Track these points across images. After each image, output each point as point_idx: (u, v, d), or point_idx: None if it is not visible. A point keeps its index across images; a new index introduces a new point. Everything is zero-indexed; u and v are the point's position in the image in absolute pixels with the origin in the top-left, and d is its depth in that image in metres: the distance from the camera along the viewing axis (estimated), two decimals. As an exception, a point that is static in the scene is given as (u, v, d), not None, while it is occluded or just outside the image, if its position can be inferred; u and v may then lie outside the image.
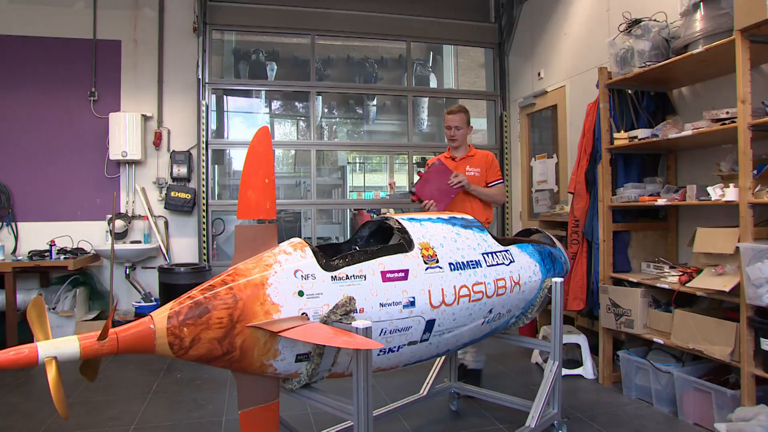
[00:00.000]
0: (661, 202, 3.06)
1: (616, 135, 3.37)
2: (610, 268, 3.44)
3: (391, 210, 7.63)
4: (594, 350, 3.67)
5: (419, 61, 7.14)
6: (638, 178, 3.49)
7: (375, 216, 7.33)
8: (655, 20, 3.24)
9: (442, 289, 2.01)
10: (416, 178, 3.14)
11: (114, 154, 4.96)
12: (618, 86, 3.45)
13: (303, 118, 6.98)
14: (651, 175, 3.50)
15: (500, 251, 2.35)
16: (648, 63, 3.11)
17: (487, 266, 2.23)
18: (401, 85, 6.62)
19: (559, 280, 2.51)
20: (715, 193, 2.71)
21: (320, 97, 5.92)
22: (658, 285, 3.01)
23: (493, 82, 6.00)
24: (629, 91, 3.52)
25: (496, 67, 5.97)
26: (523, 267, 2.42)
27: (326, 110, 7.28)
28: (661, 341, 2.97)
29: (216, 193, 5.52)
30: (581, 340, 3.71)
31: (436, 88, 7.46)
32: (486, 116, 6.39)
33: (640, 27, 3.23)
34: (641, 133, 3.21)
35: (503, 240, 2.49)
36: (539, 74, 5.16)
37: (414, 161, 6.26)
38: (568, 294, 3.67)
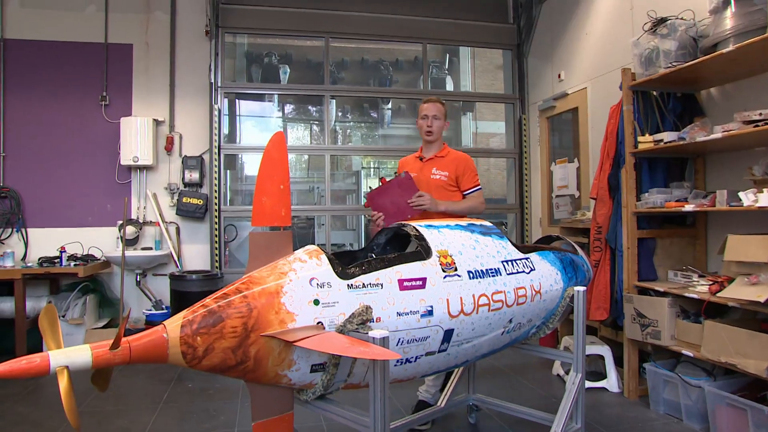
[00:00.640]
0: (688, 208, 3.02)
1: (640, 138, 3.34)
2: (635, 276, 3.40)
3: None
4: (618, 362, 3.62)
5: (435, 63, 7.15)
6: (664, 183, 3.44)
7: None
8: (682, 18, 3.21)
9: (461, 298, 2.00)
10: (377, 184, 2.90)
11: (125, 159, 5.03)
12: (642, 88, 3.42)
13: (317, 122, 7.03)
14: (678, 180, 3.45)
15: (520, 259, 2.34)
16: (674, 63, 3.08)
17: (507, 274, 2.22)
18: (417, 88, 6.63)
19: (581, 288, 2.48)
20: (747, 198, 2.67)
21: (334, 100, 5.95)
22: (687, 294, 2.97)
23: (512, 85, 5.98)
24: (654, 93, 3.49)
25: (514, 68, 5.96)
26: (544, 275, 2.40)
27: (340, 114, 7.32)
28: (690, 354, 2.92)
29: (228, 199, 5.57)
30: (605, 351, 3.66)
31: (453, 91, 7.45)
32: (504, 119, 6.37)
33: (666, 26, 3.20)
34: (667, 136, 3.17)
35: (523, 247, 2.47)
36: (559, 76, 5.13)
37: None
38: (591, 303, 3.63)
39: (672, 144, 3.12)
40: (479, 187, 3.00)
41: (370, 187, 2.71)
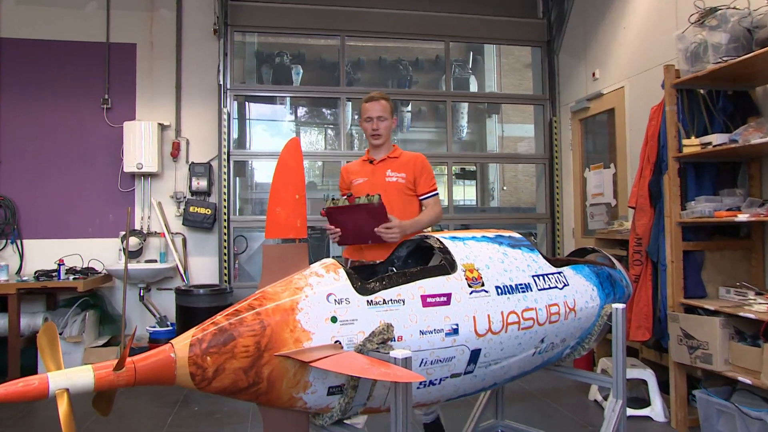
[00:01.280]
0: (742, 217, 2.97)
1: (685, 141, 3.30)
2: (681, 293, 3.35)
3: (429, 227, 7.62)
4: (664, 388, 3.56)
5: (458, 62, 7.18)
6: (713, 190, 3.40)
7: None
8: (734, 8, 3.16)
9: (489, 316, 1.99)
10: (342, 199, 2.57)
11: (128, 166, 5.11)
12: (688, 86, 3.39)
13: (331, 126, 7.09)
14: (728, 187, 3.40)
15: (553, 273, 2.32)
16: (725, 58, 3.02)
17: (538, 290, 2.21)
18: (438, 89, 6.65)
19: (620, 306, 2.45)
20: (808, 207, 2.62)
21: (350, 103, 6.00)
22: (742, 314, 2.90)
23: (542, 85, 5.97)
24: (701, 91, 3.46)
25: (544, 67, 5.95)
26: (579, 291, 2.38)
27: (356, 117, 7.38)
28: (747, 381, 2.85)
29: (238, 209, 5.63)
30: (648, 375, 3.60)
31: (477, 92, 7.46)
32: (533, 122, 6.36)
33: (716, 17, 3.14)
34: (716, 138, 3.13)
35: (556, 261, 2.46)
36: (594, 74, 5.11)
37: (453, 172, 6.26)
38: (631, 322, 3.58)
39: (722, 147, 3.07)
40: (437, 191, 2.91)
41: (333, 198, 2.56)
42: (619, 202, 4.76)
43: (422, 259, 2.44)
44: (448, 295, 1.93)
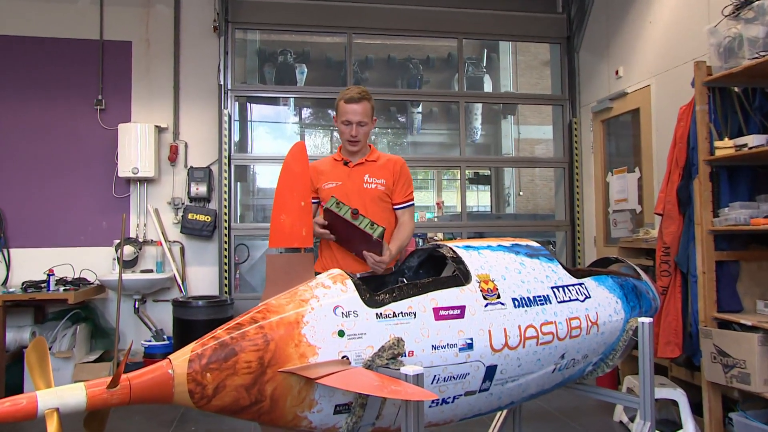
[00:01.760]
0: (780, 225, 2.95)
1: (717, 143, 3.28)
2: (714, 306, 3.32)
3: (440, 235, 7.62)
4: (697, 410, 3.52)
5: (471, 60, 7.20)
6: (748, 196, 3.37)
7: (422, 242, 7.34)
8: (773, -1, 3.14)
9: (505, 330, 1.99)
10: (346, 209, 2.49)
11: (123, 170, 5.15)
12: (721, 83, 3.37)
13: (337, 128, 7.12)
14: (766, 192, 3.37)
15: (573, 285, 2.32)
16: (762, 53, 2.99)
17: (558, 302, 2.20)
18: (451, 89, 6.68)
19: (647, 320, 2.44)
20: None
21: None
22: (782, 330, 2.88)
23: (561, 84, 5.97)
24: (736, 90, 3.44)
25: (563, 65, 5.96)
26: (602, 304, 2.37)
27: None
28: (790, 403, 2.82)
29: (239, 216, 5.66)
30: (679, 395, 3.57)
31: (492, 92, 7.47)
32: (552, 124, 6.36)
33: (753, 8, 3.11)
34: (752, 140, 3.10)
35: (576, 271, 2.45)
36: (617, 72, 5.11)
37: (466, 177, 6.27)
38: (660, 337, 3.56)
39: (759, 149, 3.05)
40: (413, 202, 2.83)
41: (338, 202, 2.50)
42: (644, 209, 4.74)
43: (434, 269, 2.44)
44: (462, 308, 1.93)
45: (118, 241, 5.11)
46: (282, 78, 6.21)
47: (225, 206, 5.21)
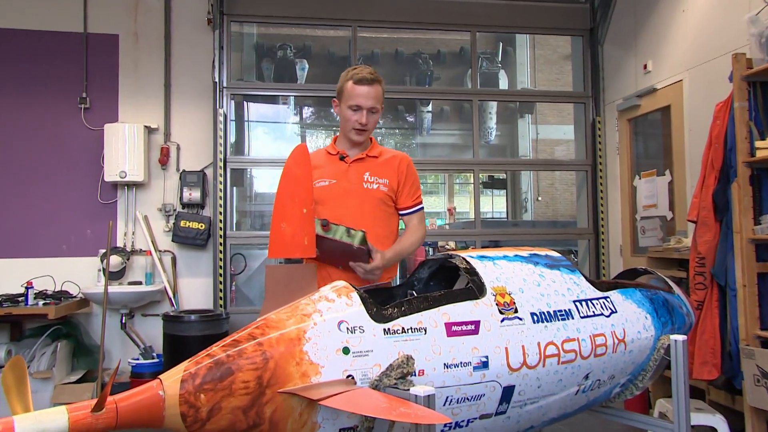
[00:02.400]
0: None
1: (758, 144, 3.27)
2: (757, 323, 3.30)
3: (452, 243, 7.62)
4: (739, 438, 3.50)
5: (486, 55, 7.22)
6: (793, 201, 3.36)
7: (432, 251, 7.34)
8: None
9: (523, 347, 1.99)
10: (345, 232, 2.33)
11: (110, 174, 5.16)
12: (762, 78, 3.37)
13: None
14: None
15: (598, 298, 2.32)
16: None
17: (581, 318, 2.20)
18: (463, 86, 6.69)
19: (680, 337, 2.43)
20: None
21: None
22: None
23: (583, 79, 5.98)
24: (779, 84, 3.42)
25: (586, 59, 5.96)
26: (629, 319, 2.36)
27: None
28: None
29: (235, 223, 5.67)
30: (718, 422, 3.53)
31: (508, 89, 7.48)
32: (573, 123, 6.36)
33: (799, -6, 3.12)
34: (796, 140, 3.11)
35: (601, 284, 2.45)
36: (645, 66, 5.10)
37: (480, 181, 6.27)
38: (695, 357, 3.53)
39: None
40: (422, 205, 2.70)
41: (326, 222, 2.33)
42: (676, 215, 4.73)
43: (446, 281, 2.44)
44: (477, 323, 1.93)
45: (103, 250, 5.11)
46: (281, 75, 6.24)
47: (220, 213, 5.22)
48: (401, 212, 2.67)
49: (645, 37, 5.16)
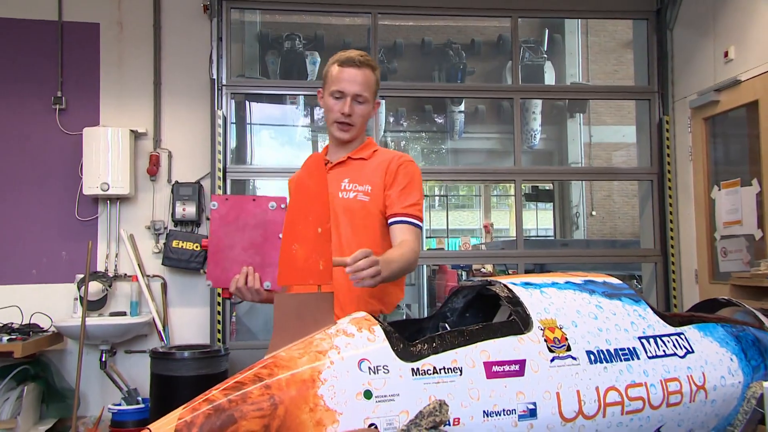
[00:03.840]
0: None
1: None
2: None
3: (489, 267, 7.59)
4: None
5: (529, 44, 7.23)
6: None
7: (465, 275, 7.31)
8: None
9: (578, 392, 1.98)
10: None
11: (89, 186, 5.18)
12: None
13: (357, 132, 7.19)
14: None
15: (669, 335, 2.30)
16: None
17: (649, 358, 2.19)
18: (502, 82, 6.70)
19: (774, 384, 2.40)
20: None
21: (383, 101, 6.08)
22: None
23: (647, 71, 5.95)
24: None
25: (651, 46, 5.93)
26: (710, 361, 2.34)
27: (392, 120, 7.46)
28: None
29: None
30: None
31: (555, 84, 7.47)
32: (635, 123, 6.34)
33: None
34: None
35: (673, 317, 2.43)
36: (726, 54, 5.06)
37: (523, 193, 6.26)
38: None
39: None
40: (418, 220, 2.47)
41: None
42: (766, 234, 4.69)
43: (484, 312, 2.44)
44: (522, 363, 1.93)
45: (81, 276, 5.11)
46: (289, 70, 6.29)
47: (218, 231, 5.23)
48: (391, 219, 2.44)
49: (726, 18, 5.12)
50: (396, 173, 2.47)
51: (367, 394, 1.70)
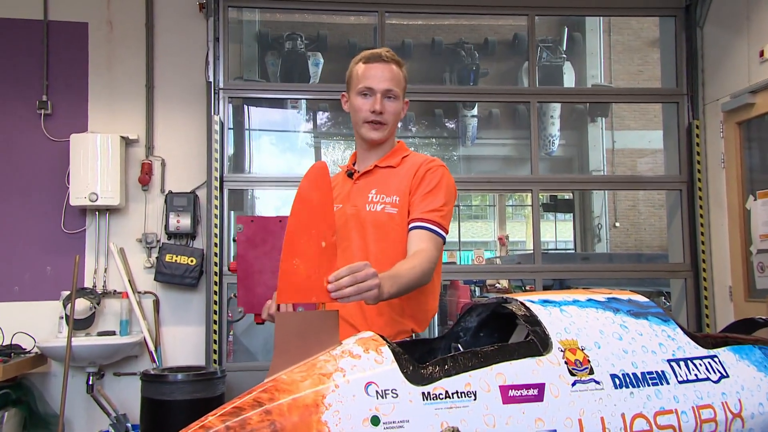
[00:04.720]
0: None
1: None
2: None
3: (504, 282, 7.57)
4: None
5: (547, 43, 7.24)
6: None
7: (479, 291, 7.30)
8: None
9: (602, 419, 1.97)
10: None
11: (77, 197, 5.20)
12: None
13: (363, 138, 7.21)
14: None
15: (702, 357, 2.29)
16: None
17: (679, 383, 2.18)
18: (518, 84, 6.71)
19: (815, 411, 2.39)
20: None
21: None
22: None
23: (675, 72, 5.95)
24: None
25: (680, 45, 5.92)
26: (747, 386, 2.33)
27: (400, 125, 7.48)
28: None
29: (233, 257, 5.70)
30: None
31: (575, 87, 7.47)
32: (662, 128, 6.34)
33: None
34: None
35: (705, 338, 2.42)
36: (762, 53, 5.05)
37: (540, 203, 6.26)
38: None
39: None
40: (440, 225, 2.40)
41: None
42: (805, 248, 4.67)
43: (499, 332, 2.44)
44: (541, 387, 1.93)
45: (67, 292, 5.13)
46: (290, 72, 6.31)
47: (215, 245, 5.22)
48: (412, 224, 2.39)
49: (762, 14, 5.11)
50: (423, 178, 2.45)
51: (375, 420, 1.70)
